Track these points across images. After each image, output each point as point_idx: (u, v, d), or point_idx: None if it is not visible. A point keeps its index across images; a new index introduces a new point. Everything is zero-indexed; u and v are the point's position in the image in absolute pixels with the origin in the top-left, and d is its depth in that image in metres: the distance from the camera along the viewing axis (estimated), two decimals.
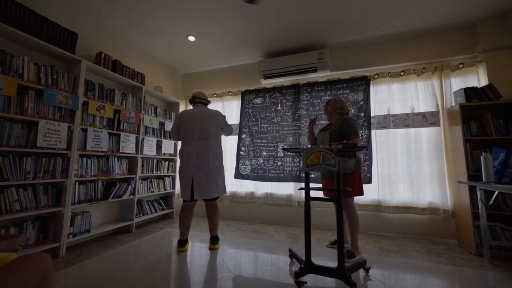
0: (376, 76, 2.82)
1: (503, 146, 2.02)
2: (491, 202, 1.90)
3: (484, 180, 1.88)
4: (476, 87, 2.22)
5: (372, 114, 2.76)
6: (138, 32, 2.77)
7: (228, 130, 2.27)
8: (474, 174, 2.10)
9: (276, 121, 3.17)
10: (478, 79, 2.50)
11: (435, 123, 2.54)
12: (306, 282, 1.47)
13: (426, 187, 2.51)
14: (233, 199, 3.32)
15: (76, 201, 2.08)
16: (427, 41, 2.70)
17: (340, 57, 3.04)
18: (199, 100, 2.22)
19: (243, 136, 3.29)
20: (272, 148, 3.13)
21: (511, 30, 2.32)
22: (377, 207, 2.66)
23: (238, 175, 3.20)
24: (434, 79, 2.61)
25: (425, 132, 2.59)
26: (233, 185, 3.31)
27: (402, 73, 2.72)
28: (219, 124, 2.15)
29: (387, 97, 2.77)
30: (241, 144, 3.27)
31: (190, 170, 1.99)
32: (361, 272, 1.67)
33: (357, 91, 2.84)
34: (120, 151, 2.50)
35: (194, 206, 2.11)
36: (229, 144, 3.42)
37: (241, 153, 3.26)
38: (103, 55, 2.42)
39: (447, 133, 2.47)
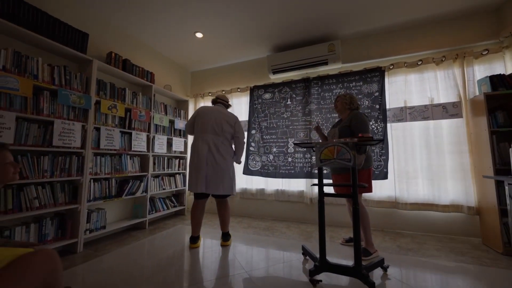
0: (391, 67, 2.68)
1: None
2: None
3: None
4: (503, 74, 2.05)
5: (387, 107, 2.63)
6: (146, 31, 2.79)
7: (241, 133, 2.16)
8: (501, 168, 1.95)
9: (286, 116, 3.11)
10: (505, 65, 2.31)
11: (457, 114, 2.38)
12: (321, 281, 1.42)
13: (448, 183, 2.37)
14: (244, 196, 3.30)
15: (91, 198, 2.13)
16: (446, 27, 2.53)
17: (352, 49, 2.91)
18: (220, 101, 2.27)
19: (253, 132, 3.25)
20: (283, 144, 3.07)
21: None
22: (394, 204, 2.55)
23: (247, 170, 3.18)
24: (455, 68, 2.44)
25: (446, 124, 2.44)
26: (243, 182, 3.29)
27: (419, 63, 2.56)
28: (232, 123, 2.13)
29: (404, 88, 2.63)
30: (250, 140, 3.24)
31: (202, 162, 1.97)
32: (379, 271, 1.60)
33: (370, 83, 2.72)
34: (132, 149, 2.54)
35: (205, 203, 2.10)
36: None
37: (251, 149, 3.22)
38: (113, 54, 2.45)
39: (470, 125, 2.31)
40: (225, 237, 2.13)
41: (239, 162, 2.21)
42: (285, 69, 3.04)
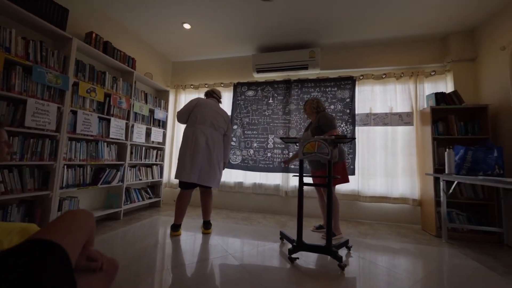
0: (361, 77, 3.06)
1: (463, 144, 2.36)
2: (450, 190, 2.23)
3: (446, 172, 2.20)
4: (444, 93, 2.54)
5: (356, 112, 3.00)
6: (131, 15, 2.67)
7: (230, 131, 2.32)
8: (439, 167, 2.43)
9: (267, 114, 3.29)
10: (446, 85, 2.85)
11: (409, 123, 2.85)
12: (298, 258, 1.63)
13: (399, 180, 2.83)
14: (222, 189, 3.39)
15: (64, 186, 2.01)
16: (405, 48, 2.99)
17: (330, 57, 3.23)
18: (216, 96, 2.33)
19: (235, 127, 3.36)
20: (263, 140, 3.25)
21: (476, 44, 2.68)
22: (356, 196, 2.94)
23: (229, 165, 3.28)
24: (410, 83, 2.91)
25: (400, 130, 2.90)
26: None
27: (384, 76, 2.99)
28: (227, 121, 2.25)
29: (370, 96, 3.03)
30: (232, 135, 3.34)
31: (198, 153, 2.00)
32: (344, 250, 1.88)
33: (344, 89, 3.06)
34: (110, 136, 2.44)
35: (191, 193, 2.14)
36: None
37: (232, 143, 3.33)
38: (94, 35, 2.31)
39: (419, 132, 2.79)
40: (207, 225, 2.21)
41: (227, 160, 2.33)
42: (268, 69, 3.21)
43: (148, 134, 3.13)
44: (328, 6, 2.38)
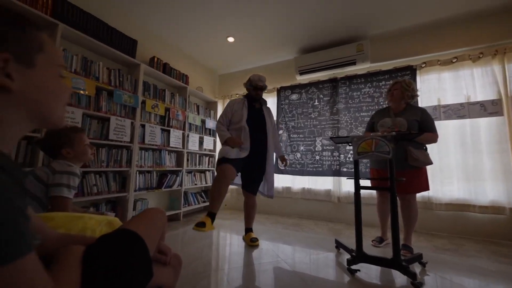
0: (423, 65, 2.65)
1: None
2: None
3: None
4: None
5: (419, 105, 2.60)
6: (183, 37, 3.01)
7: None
8: None
9: (313, 116, 3.17)
10: None
11: (497, 112, 2.29)
12: (359, 270, 1.46)
13: (487, 183, 2.28)
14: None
15: (137, 188, 2.35)
16: (483, 22, 2.46)
17: (381, 48, 2.92)
18: None
19: (280, 132, 3.35)
20: (310, 143, 3.13)
21: None
22: (426, 204, 2.50)
23: (277, 170, 3.26)
24: (494, 64, 2.36)
25: (484, 123, 2.36)
26: None
27: (454, 60, 2.51)
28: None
29: (437, 86, 2.58)
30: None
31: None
32: (417, 267, 1.60)
33: None
34: (170, 145, 2.75)
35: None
36: None
37: None
38: (156, 59, 2.70)
39: None
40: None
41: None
42: (312, 70, 3.11)
43: (201, 142, 3.41)
44: None
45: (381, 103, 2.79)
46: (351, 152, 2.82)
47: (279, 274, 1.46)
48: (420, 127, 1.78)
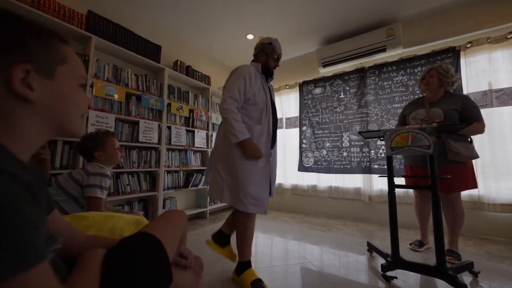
0: (468, 45, 2.31)
1: None
2: None
3: None
4: None
5: (464, 92, 2.28)
6: (203, 38, 3.07)
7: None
8: None
9: (339, 110, 2.99)
10: None
11: None
12: (396, 277, 1.33)
13: None
14: (295, 192, 3.30)
15: (166, 188, 2.46)
16: None
17: (415, 30, 2.63)
18: None
19: (304, 128, 3.24)
20: (336, 139, 2.96)
21: None
22: (476, 203, 2.19)
23: (302, 167, 3.17)
24: None
25: None
26: (294, 178, 3.30)
27: (509, 36, 2.14)
28: None
29: (487, 68, 2.23)
30: (302, 137, 3.23)
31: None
32: (467, 276, 1.41)
33: None
34: (195, 145, 2.83)
35: None
36: (289, 137, 3.43)
37: (303, 145, 3.21)
38: (179, 62, 2.79)
39: None
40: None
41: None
42: (336, 61, 2.93)
43: None
44: None
45: (417, 92, 2.51)
46: (383, 147, 2.60)
47: (307, 277, 1.40)
48: (460, 117, 1.56)
